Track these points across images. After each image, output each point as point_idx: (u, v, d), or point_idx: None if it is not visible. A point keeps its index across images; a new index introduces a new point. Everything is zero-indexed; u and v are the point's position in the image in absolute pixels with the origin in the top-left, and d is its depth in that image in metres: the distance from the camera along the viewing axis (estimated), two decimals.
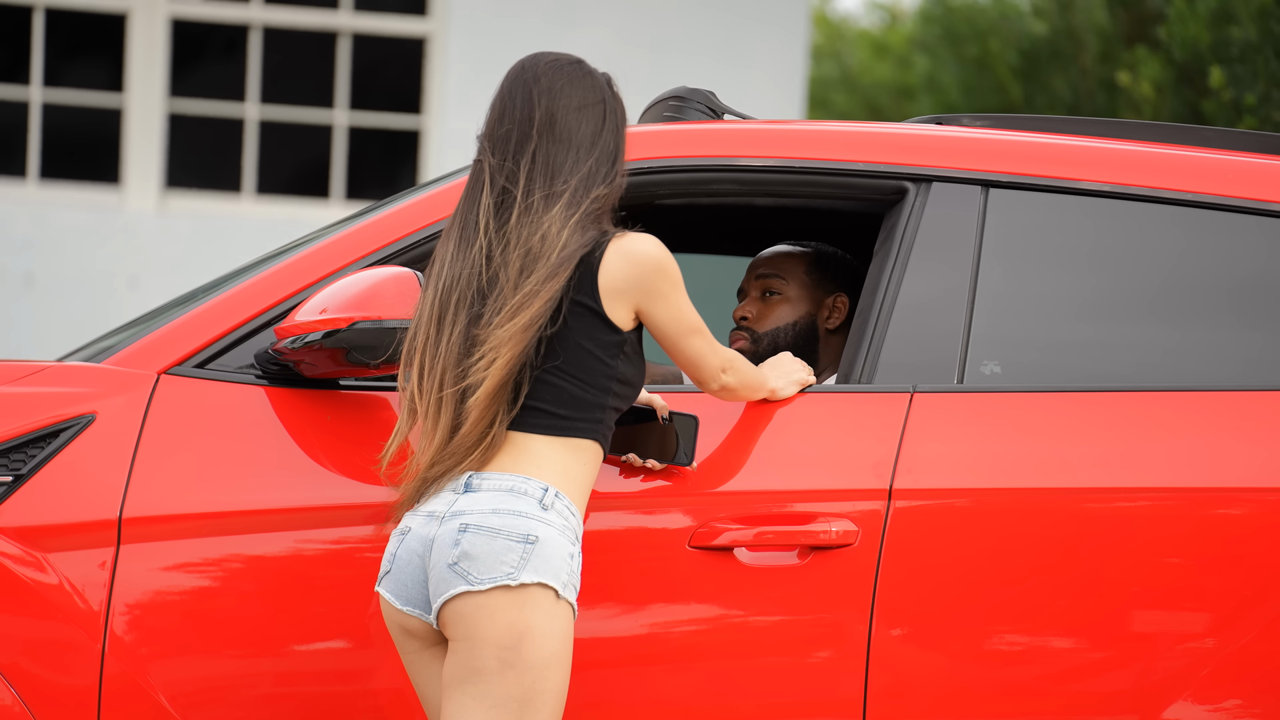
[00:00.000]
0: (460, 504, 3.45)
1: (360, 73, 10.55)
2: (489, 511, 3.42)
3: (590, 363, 3.50)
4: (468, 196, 3.57)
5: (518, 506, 3.42)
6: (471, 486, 3.46)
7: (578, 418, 3.50)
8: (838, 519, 3.75)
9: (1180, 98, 9.99)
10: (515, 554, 3.40)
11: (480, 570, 3.40)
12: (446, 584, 3.41)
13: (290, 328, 3.66)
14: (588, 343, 3.50)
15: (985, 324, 3.92)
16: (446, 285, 3.51)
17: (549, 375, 3.48)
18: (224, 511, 3.70)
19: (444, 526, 3.44)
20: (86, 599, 3.66)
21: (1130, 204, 4.01)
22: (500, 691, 3.39)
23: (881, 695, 3.73)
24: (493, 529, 3.41)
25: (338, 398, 3.79)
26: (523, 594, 3.39)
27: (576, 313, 3.49)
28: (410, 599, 3.48)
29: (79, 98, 10.36)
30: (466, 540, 3.40)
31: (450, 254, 3.53)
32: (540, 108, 3.55)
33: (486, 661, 3.39)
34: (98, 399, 3.74)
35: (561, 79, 3.57)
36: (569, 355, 3.49)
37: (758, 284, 4.41)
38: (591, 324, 3.50)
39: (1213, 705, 3.77)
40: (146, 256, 10.11)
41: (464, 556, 3.40)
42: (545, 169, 3.52)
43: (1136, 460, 3.84)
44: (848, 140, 4.10)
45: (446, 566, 3.41)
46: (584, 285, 3.49)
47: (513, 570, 3.39)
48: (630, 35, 10.08)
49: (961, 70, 13.14)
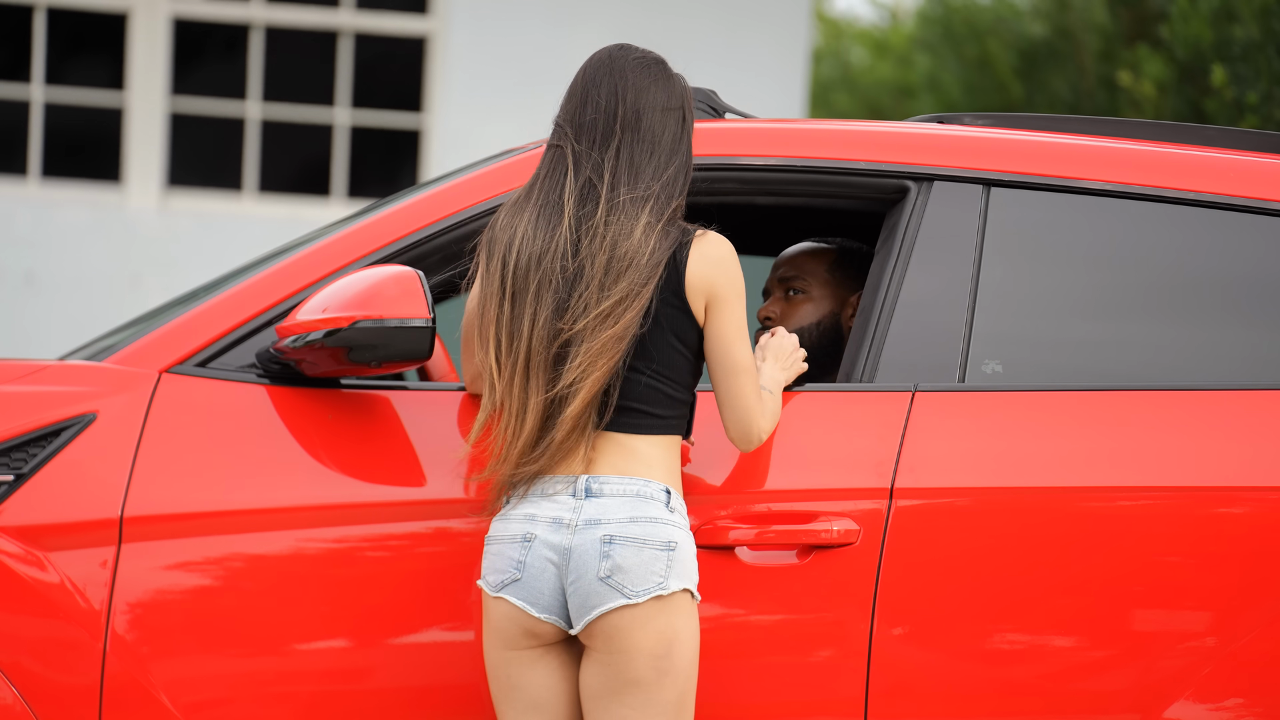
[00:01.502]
0: (589, 510, 3.48)
1: (361, 72, 10.55)
2: (627, 520, 3.47)
3: (680, 362, 3.56)
4: (549, 177, 3.56)
5: (651, 513, 3.48)
6: (593, 491, 3.49)
7: (672, 415, 3.56)
8: (839, 518, 3.75)
9: (1182, 96, 9.99)
10: (662, 562, 3.46)
11: (634, 582, 3.44)
12: (601, 597, 3.45)
13: (291, 326, 3.66)
14: (676, 343, 3.55)
15: (987, 323, 3.92)
16: (523, 261, 3.51)
17: (644, 376, 3.52)
18: (225, 510, 3.70)
19: (580, 536, 3.47)
20: (88, 598, 3.66)
21: (1131, 203, 4.01)
22: (660, 699, 3.46)
23: (883, 694, 3.73)
24: (638, 539, 3.46)
25: (339, 397, 3.79)
26: (671, 601, 3.47)
27: (664, 313, 3.53)
28: (547, 607, 3.50)
29: (80, 96, 10.36)
30: (616, 552, 3.45)
31: (527, 230, 3.53)
32: (626, 103, 3.56)
33: (643, 672, 3.45)
34: (99, 398, 3.74)
35: (648, 78, 3.59)
36: (661, 356, 3.54)
37: (781, 284, 4.40)
38: (679, 323, 3.54)
39: (1213, 704, 3.77)
40: (148, 255, 10.11)
41: (616, 569, 3.45)
42: (630, 167, 3.53)
43: (1138, 459, 3.84)
44: (849, 139, 4.10)
45: (598, 580, 3.44)
46: (670, 285, 3.53)
47: (662, 579, 3.46)
48: (631, 34, 10.06)
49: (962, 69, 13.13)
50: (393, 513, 3.72)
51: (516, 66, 9.99)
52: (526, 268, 3.50)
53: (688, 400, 3.59)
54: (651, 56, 3.63)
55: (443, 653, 3.71)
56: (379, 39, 10.55)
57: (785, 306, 4.38)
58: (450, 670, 3.71)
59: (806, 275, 4.38)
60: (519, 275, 3.50)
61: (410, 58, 10.55)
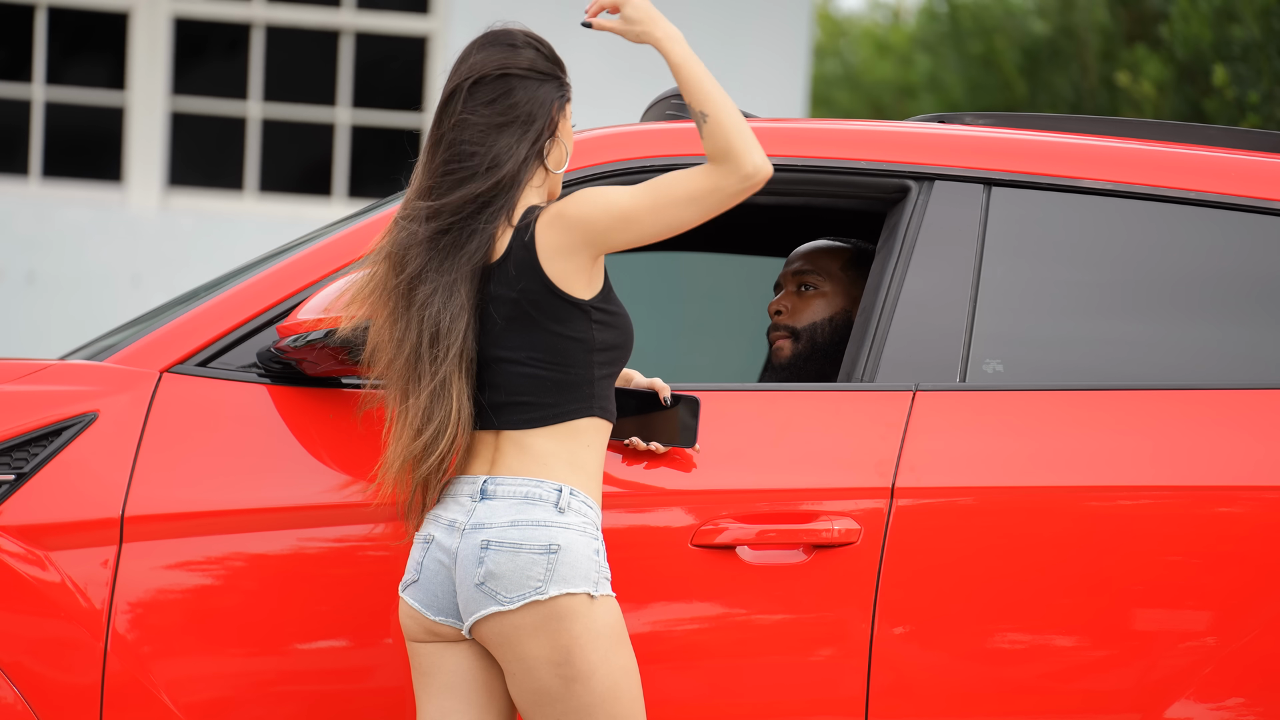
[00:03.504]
0: (479, 514, 3.46)
1: (362, 71, 10.55)
2: (507, 524, 3.43)
3: (559, 343, 3.49)
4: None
5: (534, 515, 3.43)
6: (487, 493, 3.47)
7: (566, 401, 3.48)
8: (840, 517, 3.75)
9: (1181, 96, 9.99)
10: (540, 567, 3.40)
11: (508, 589, 3.40)
12: (476, 604, 3.43)
13: (292, 326, 3.66)
14: (550, 323, 3.49)
15: (988, 322, 3.92)
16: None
17: (524, 367, 3.48)
18: (226, 510, 3.70)
19: (465, 540, 3.45)
20: (89, 597, 3.66)
21: (1132, 202, 4.01)
22: (577, 704, 3.41)
23: (883, 693, 3.73)
24: (514, 544, 3.41)
25: (340, 396, 3.79)
26: (554, 606, 3.40)
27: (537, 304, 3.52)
28: (442, 609, 3.49)
29: (81, 96, 10.36)
30: (490, 559, 3.41)
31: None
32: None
33: (548, 681, 3.41)
34: (100, 397, 3.74)
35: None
36: (540, 342, 3.49)
37: (794, 278, 4.39)
38: (547, 304, 3.50)
39: (1214, 704, 3.77)
40: (148, 255, 10.11)
41: (490, 576, 3.41)
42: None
43: (1138, 458, 3.84)
44: (850, 139, 4.10)
45: (474, 586, 3.42)
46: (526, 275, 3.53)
47: (540, 584, 3.40)
48: None
49: (964, 68, 13.13)
50: (394, 512, 3.71)
51: None
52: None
53: (583, 379, 3.48)
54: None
55: None
56: (380, 38, 10.55)
57: (797, 301, 4.36)
58: None
59: (820, 271, 4.37)
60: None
61: (411, 57, 10.55)
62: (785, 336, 4.35)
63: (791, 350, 4.32)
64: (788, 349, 4.33)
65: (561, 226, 3.45)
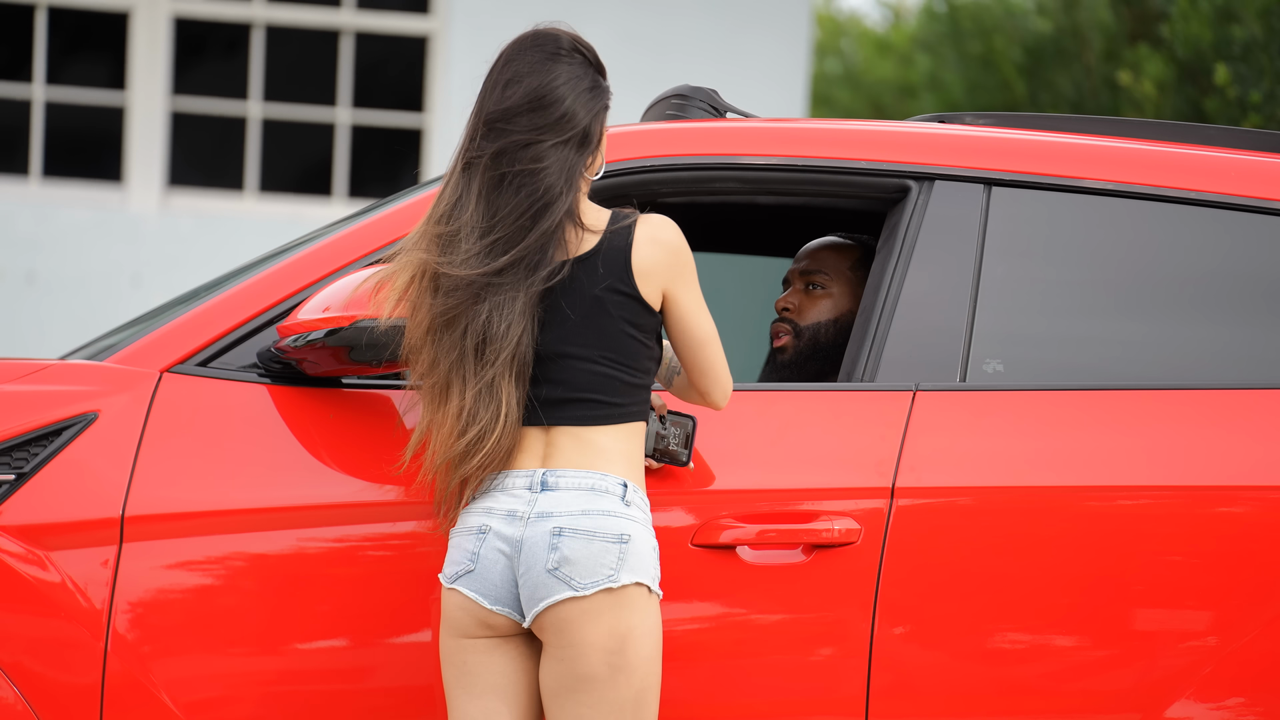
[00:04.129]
0: (543, 504, 3.47)
1: (363, 71, 10.55)
2: (579, 512, 3.45)
3: (635, 347, 3.54)
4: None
5: (604, 505, 3.46)
6: (549, 485, 3.48)
7: (630, 402, 3.54)
8: (840, 517, 3.75)
9: (1183, 96, 9.99)
10: (613, 555, 3.43)
11: (582, 574, 3.42)
12: (547, 589, 3.43)
13: (292, 326, 3.66)
14: (630, 329, 3.54)
15: (988, 322, 3.92)
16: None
17: (597, 365, 3.50)
18: (226, 510, 3.70)
19: (532, 528, 3.46)
20: (89, 597, 3.66)
21: (1133, 202, 4.01)
22: (615, 696, 3.43)
23: (884, 693, 3.73)
24: (588, 531, 3.44)
25: (340, 396, 3.79)
26: (623, 594, 3.44)
27: (612, 300, 3.53)
28: (500, 598, 3.49)
29: (81, 96, 10.36)
30: (565, 545, 3.43)
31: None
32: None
33: (596, 668, 3.42)
34: (100, 397, 3.74)
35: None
36: (614, 343, 3.53)
37: (802, 276, 4.38)
38: (629, 309, 3.54)
39: (1215, 703, 3.77)
40: (149, 255, 10.11)
41: (564, 561, 3.43)
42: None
43: (1139, 458, 3.84)
44: (850, 139, 4.10)
45: (545, 571, 3.43)
46: (614, 271, 3.56)
47: (612, 572, 3.43)
48: (633, 33, 10.08)
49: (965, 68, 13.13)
50: (394, 512, 3.71)
51: None
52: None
53: (645, 384, 3.55)
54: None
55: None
56: (380, 38, 10.55)
57: (804, 299, 4.36)
58: None
59: (828, 270, 4.37)
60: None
61: (412, 57, 10.55)
62: (788, 332, 4.34)
63: (793, 347, 4.32)
64: (790, 345, 4.33)
65: (664, 249, 3.51)
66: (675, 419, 3.70)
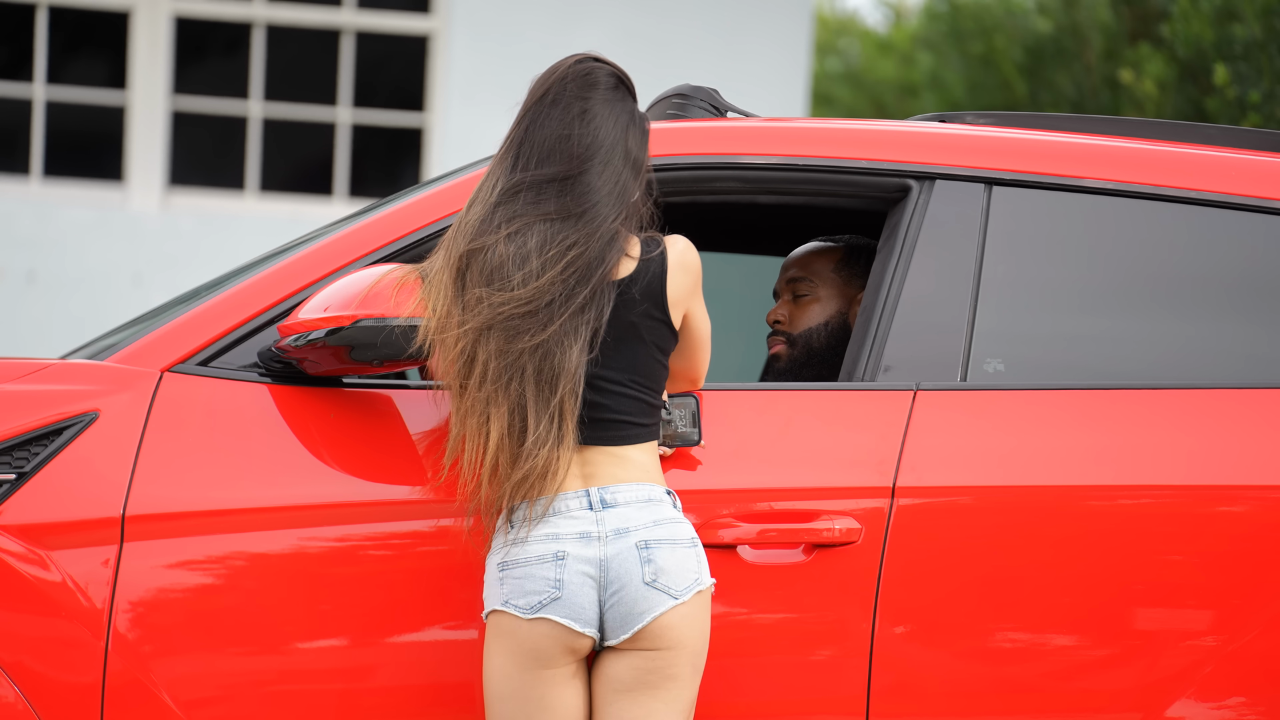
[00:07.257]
0: (611, 521, 3.50)
1: (363, 70, 10.55)
2: (651, 524, 3.51)
3: (659, 372, 3.62)
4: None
5: (667, 514, 3.54)
6: (608, 502, 3.52)
7: (653, 422, 3.62)
8: (841, 517, 3.75)
9: (1183, 95, 9.99)
10: (694, 559, 3.53)
11: (677, 582, 3.49)
12: (649, 602, 3.48)
13: (293, 325, 3.66)
14: (658, 354, 3.63)
15: (988, 321, 3.92)
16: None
17: (628, 389, 3.56)
18: (227, 509, 3.70)
19: (613, 546, 3.49)
20: (90, 596, 3.66)
21: (1133, 202, 4.01)
22: (688, 695, 3.53)
23: (884, 693, 3.73)
24: (670, 540, 3.51)
25: (341, 395, 3.79)
26: (706, 595, 3.55)
27: (646, 326, 3.61)
28: (588, 620, 3.50)
29: (82, 95, 10.36)
30: (657, 556, 3.49)
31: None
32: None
33: (682, 669, 3.51)
34: (101, 397, 3.74)
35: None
36: (643, 369, 3.60)
37: (789, 286, 4.40)
38: (660, 334, 3.62)
39: (1216, 703, 3.77)
40: (149, 254, 10.11)
41: (660, 572, 3.49)
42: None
43: (1139, 458, 3.84)
44: (851, 138, 4.10)
45: (644, 585, 3.48)
46: (650, 297, 3.64)
47: (698, 574, 3.53)
48: (633, 33, 10.07)
49: (966, 67, 13.14)
50: (395, 511, 3.72)
51: (517, 66, 9.98)
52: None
53: (661, 405, 3.63)
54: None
55: (444, 652, 3.71)
56: (381, 38, 10.55)
57: (793, 309, 4.38)
58: (452, 669, 3.71)
59: (813, 276, 4.38)
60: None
61: (412, 57, 10.55)
62: (782, 342, 4.36)
63: (788, 356, 4.34)
64: (784, 355, 4.34)
65: (691, 274, 3.60)
66: (676, 401, 3.71)
